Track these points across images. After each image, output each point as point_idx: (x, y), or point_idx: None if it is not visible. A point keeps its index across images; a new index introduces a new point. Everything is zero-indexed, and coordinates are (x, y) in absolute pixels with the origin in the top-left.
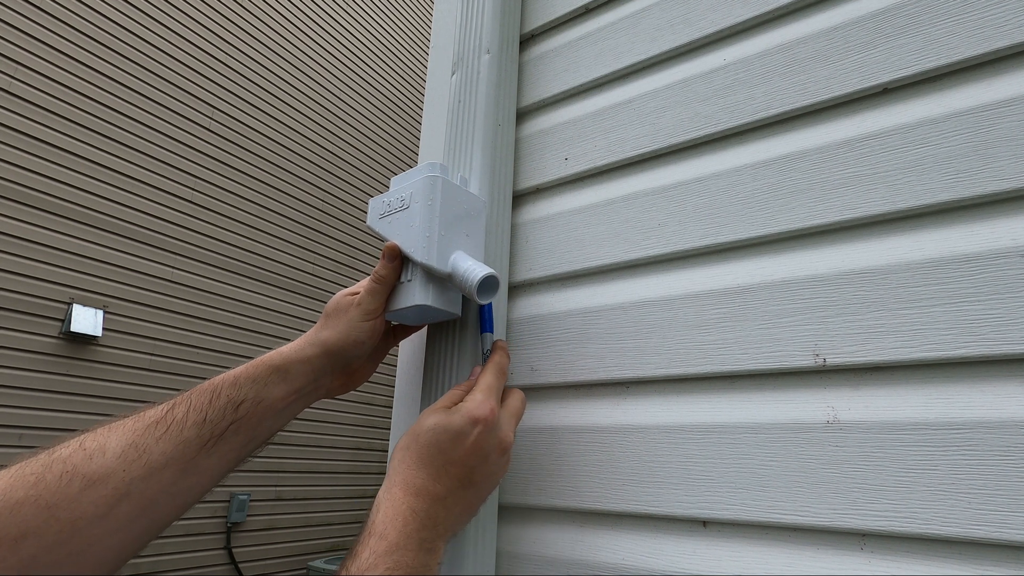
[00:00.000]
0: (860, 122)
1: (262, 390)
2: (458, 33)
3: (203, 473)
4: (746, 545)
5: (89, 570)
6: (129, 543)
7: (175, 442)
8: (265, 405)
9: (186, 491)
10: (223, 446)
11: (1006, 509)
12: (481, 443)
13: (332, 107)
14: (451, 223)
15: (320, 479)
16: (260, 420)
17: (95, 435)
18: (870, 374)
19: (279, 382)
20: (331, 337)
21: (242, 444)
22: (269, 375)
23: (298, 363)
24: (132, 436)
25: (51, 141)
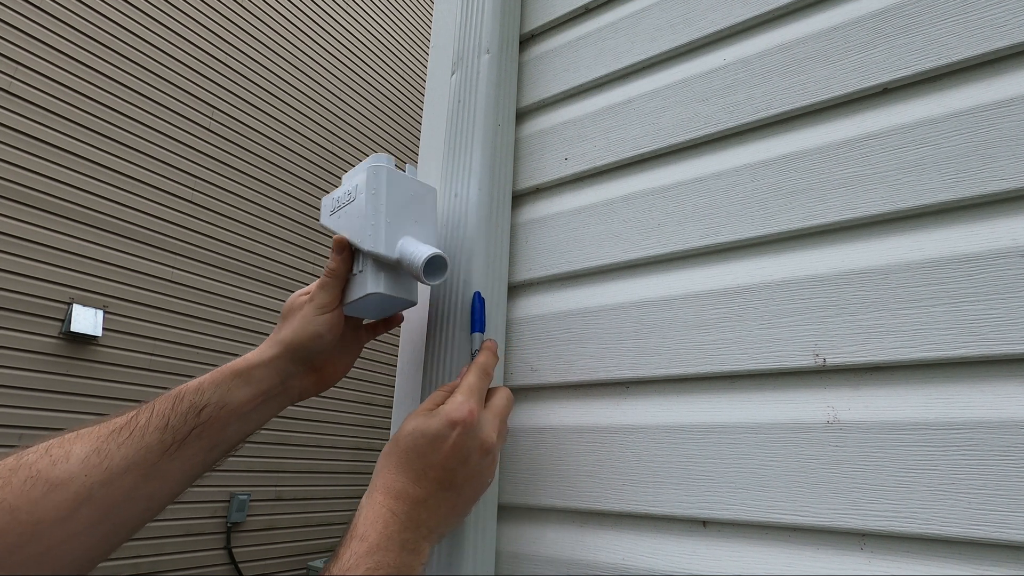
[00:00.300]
0: (860, 122)
1: (225, 394)
2: (458, 33)
3: (166, 478)
4: (746, 545)
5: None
6: (94, 546)
7: (136, 447)
8: (229, 409)
9: (149, 496)
10: (186, 451)
11: (1006, 509)
12: (460, 445)
13: (332, 107)
14: (398, 211)
15: (320, 479)
16: (225, 424)
17: (62, 441)
18: (870, 374)
19: (242, 386)
20: (288, 335)
21: (207, 448)
22: (232, 379)
23: (260, 366)
24: (96, 442)
25: (51, 141)
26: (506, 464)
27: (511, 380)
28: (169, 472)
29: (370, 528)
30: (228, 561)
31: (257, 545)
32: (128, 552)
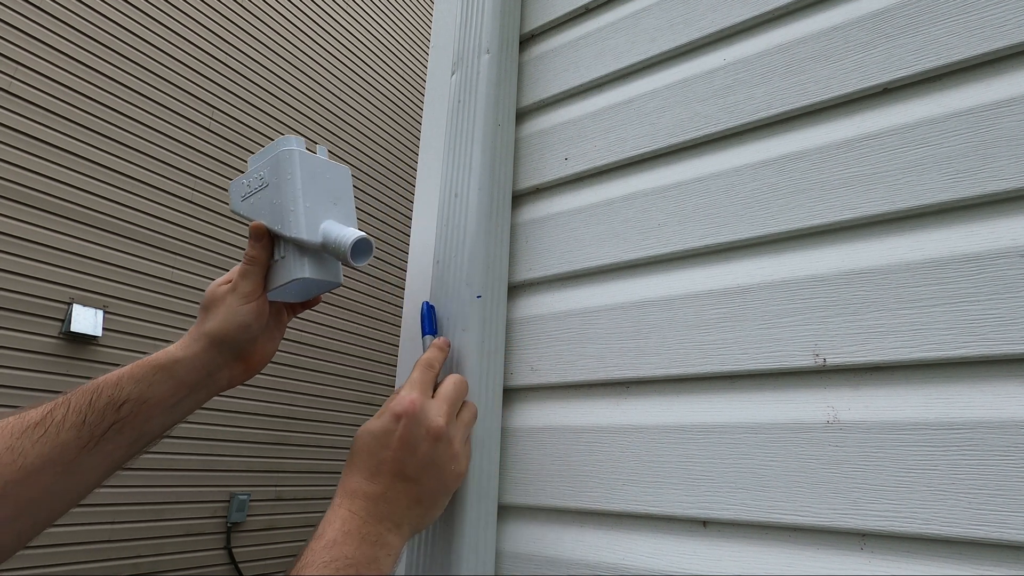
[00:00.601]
0: (860, 122)
1: (146, 390)
2: (458, 33)
3: (87, 471)
4: (746, 545)
5: None
6: (12, 540)
7: (52, 444)
8: (151, 404)
9: (69, 489)
10: (106, 445)
11: (1006, 509)
12: (407, 435)
13: (332, 107)
14: (316, 194)
15: (320, 479)
16: (147, 418)
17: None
18: (870, 374)
19: (165, 380)
20: (214, 328)
21: (129, 442)
22: (154, 374)
23: (183, 360)
24: (9, 439)
25: (51, 141)
26: (506, 464)
27: (511, 380)
28: (89, 466)
29: (327, 527)
30: (228, 561)
31: (257, 545)
32: (128, 552)
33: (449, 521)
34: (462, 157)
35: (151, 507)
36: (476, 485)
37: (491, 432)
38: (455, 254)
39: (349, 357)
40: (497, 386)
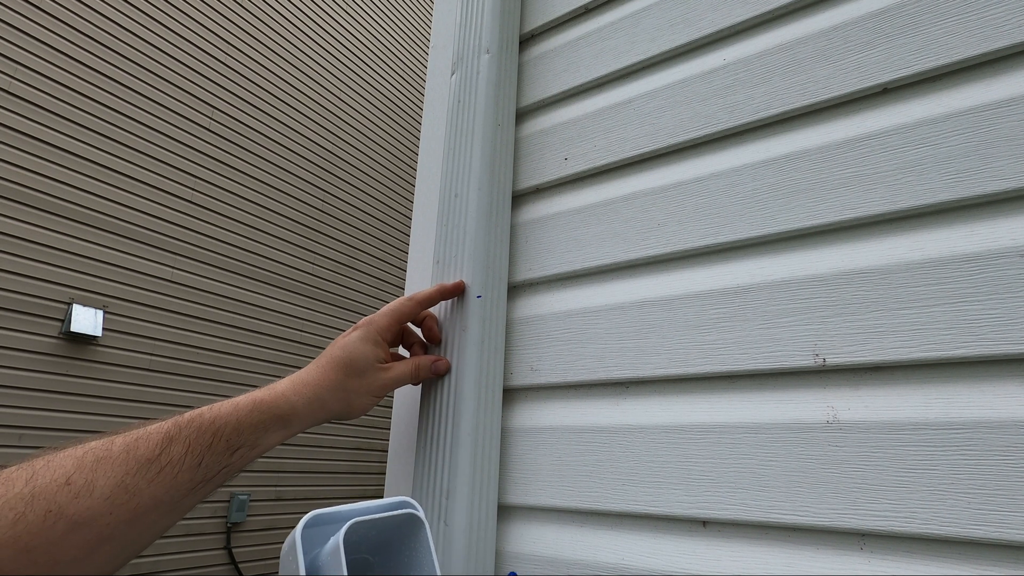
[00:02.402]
0: (860, 122)
1: (261, 437)
2: (458, 33)
3: (183, 511)
4: (746, 545)
5: None
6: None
7: (167, 487)
8: (259, 450)
9: (163, 528)
10: (207, 487)
11: (1006, 509)
12: None
13: (332, 107)
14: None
15: (320, 479)
16: (248, 462)
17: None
18: (870, 374)
19: (279, 430)
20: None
21: (221, 482)
22: (274, 425)
23: (303, 417)
24: (122, 475)
25: (51, 141)
26: (506, 464)
27: (511, 380)
28: (188, 505)
29: None
30: (228, 561)
31: (257, 545)
32: None
33: (449, 521)
34: (462, 157)
35: None
36: (475, 485)
37: (491, 432)
38: (455, 254)
39: None
40: (497, 386)
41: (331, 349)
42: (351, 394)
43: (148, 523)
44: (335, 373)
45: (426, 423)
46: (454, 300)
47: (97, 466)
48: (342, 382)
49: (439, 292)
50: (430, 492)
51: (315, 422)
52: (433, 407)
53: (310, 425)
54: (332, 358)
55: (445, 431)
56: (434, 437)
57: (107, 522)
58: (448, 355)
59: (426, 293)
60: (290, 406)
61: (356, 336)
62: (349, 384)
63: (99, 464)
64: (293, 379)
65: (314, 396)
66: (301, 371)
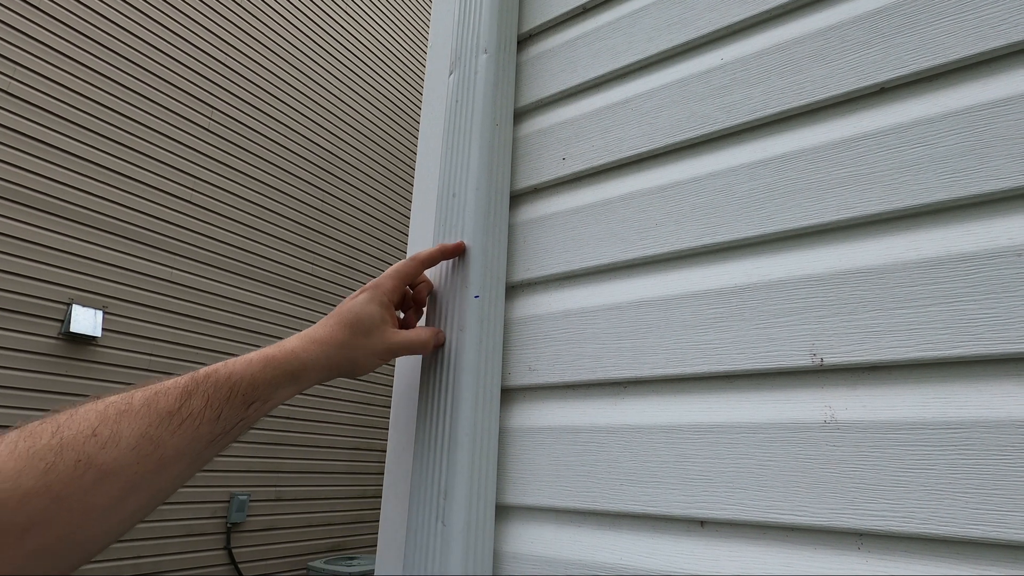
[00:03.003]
0: (857, 122)
1: (274, 392)
2: (456, 33)
3: (203, 462)
4: (744, 545)
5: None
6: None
7: (190, 438)
8: (271, 404)
9: (185, 478)
10: (225, 439)
11: (1004, 508)
12: None
13: (332, 107)
14: None
15: (320, 479)
16: (260, 416)
17: (104, 417)
18: (867, 374)
19: (290, 385)
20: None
21: (237, 435)
22: (287, 382)
23: (311, 373)
24: (145, 426)
25: (51, 141)
26: (504, 464)
27: (509, 380)
28: (207, 457)
29: None
30: (228, 561)
31: (257, 545)
32: (129, 552)
33: (447, 521)
34: (460, 157)
35: None
36: (473, 485)
37: (489, 432)
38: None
39: None
40: (495, 386)
41: (339, 309)
42: (358, 353)
43: (173, 473)
44: (343, 332)
45: (424, 423)
46: (454, 300)
47: (120, 418)
48: (349, 341)
49: (440, 252)
50: (428, 492)
51: (323, 379)
52: (431, 407)
53: (318, 381)
54: (340, 318)
55: (443, 431)
56: (432, 437)
57: (135, 471)
58: (446, 355)
59: (428, 252)
60: (300, 363)
61: (363, 298)
62: (356, 343)
63: (122, 417)
64: (303, 337)
65: (322, 353)
66: (310, 328)
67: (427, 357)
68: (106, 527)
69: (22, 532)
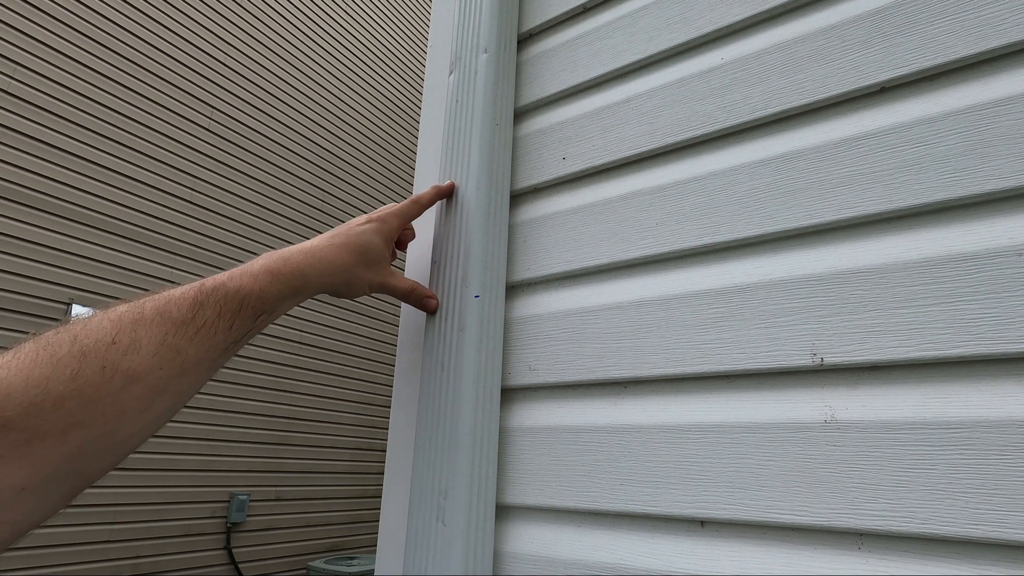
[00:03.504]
0: (857, 121)
1: (279, 305)
2: (456, 32)
3: (216, 369)
4: (744, 545)
5: (125, 454)
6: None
7: (207, 346)
8: (276, 315)
9: (201, 385)
10: (235, 349)
11: (1004, 508)
12: None
13: (332, 107)
14: None
15: (320, 479)
16: (265, 326)
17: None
18: (868, 373)
19: (292, 298)
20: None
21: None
22: (290, 294)
23: (312, 289)
24: (162, 334)
25: (51, 141)
26: (504, 464)
27: (509, 380)
28: (220, 364)
29: None
30: (228, 561)
31: (257, 545)
32: (128, 552)
33: (447, 521)
34: (460, 157)
35: (151, 507)
36: (473, 485)
37: (489, 432)
38: (453, 254)
39: (349, 357)
40: (495, 386)
41: (347, 233)
42: (356, 279)
43: (195, 378)
44: (350, 257)
45: (424, 423)
46: (454, 300)
47: (136, 326)
48: (352, 268)
49: (436, 192)
50: (428, 492)
51: (319, 293)
52: (431, 407)
53: (313, 295)
54: (348, 243)
55: (443, 431)
56: (432, 437)
57: (159, 376)
58: (446, 355)
59: (427, 194)
60: (305, 279)
61: (372, 228)
62: (357, 271)
63: (137, 325)
64: (307, 253)
65: (325, 272)
66: (314, 245)
67: (427, 358)
68: (139, 426)
69: (62, 433)
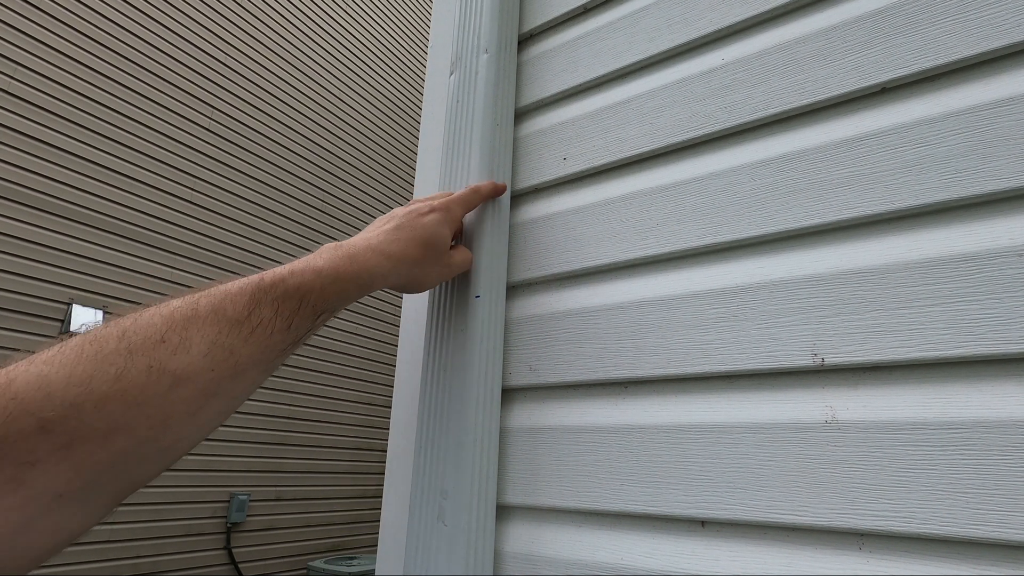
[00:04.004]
0: (858, 122)
1: (342, 303)
2: (456, 33)
3: (274, 369)
4: (744, 545)
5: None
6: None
7: (263, 346)
8: (331, 314)
9: (258, 386)
10: (294, 348)
11: (1005, 509)
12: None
13: (332, 107)
14: None
15: (320, 479)
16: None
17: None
18: (868, 374)
19: (356, 294)
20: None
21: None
22: (355, 292)
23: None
24: (215, 333)
25: (51, 141)
26: (505, 464)
27: (510, 380)
28: (277, 364)
29: None
30: (228, 561)
31: (257, 545)
32: (128, 552)
33: (448, 521)
34: (461, 157)
35: (151, 507)
36: (474, 485)
37: (490, 432)
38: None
39: (349, 357)
40: (496, 386)
41: (413, 226)
42: (425, 275)
43: (249, 380)
44: (419, 251)
45: (425, 423)
46: (454, 300)
47: (188, 324)
48: (422, 260)
49: (493, 188)
50: (429, 492)
51: (383, 287)
52: (432, 407)
53: (380, 289)
54: (415, 235)
55: (444, 431)
56: (433, 437)
57: (210, 378)
58: (447, 355)
59: (486, 186)
60: (371, 277)
61: (438, 219)
62: (427, 264)
63: (189, 323)
64: (375, 249)
65: (393, 270)
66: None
67: (428, 357)
68: (189, 432)
69: (103, 438)
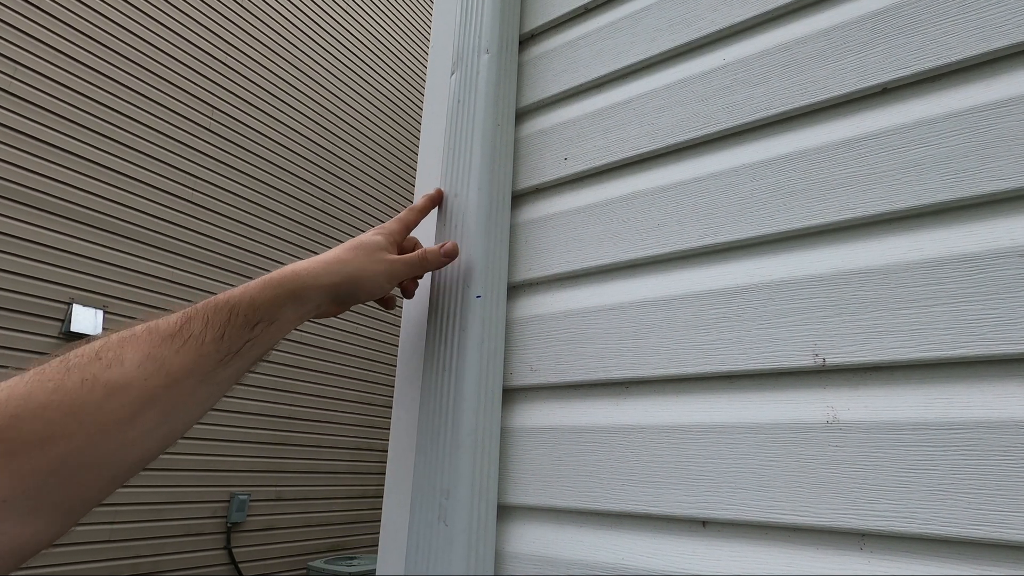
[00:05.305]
0: (859, 122)
1: (277, 312)
2: (457, 33)
3: (220, 383)
4: (746, 545)
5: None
6: (148, 449)
7: (194, 356)
8: (279, 325)
9: (207, 396)
10: (238, 361)
11: (1006, 509)
12: None
13: (332, 107)
14: None
15: (320, 479)
16: (271, 337)
17: (107, 344)
18: (869, 374)
19: (296, 307)
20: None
21: (254, 358)
22: (287, 299)
23: (314, 289)
24: (147, 348)
25: (51, 141)
26: (506, 464)
27: (511, 380)
28: (222, 378)
29: None
30: (228, 561)
31: (257, 545)
32: (128, 552)
33: (449, 521)
34: (461, 157)
35: (151, 507)
36: (475, 485)
37: (491, 432)
38: None
39: (349, 357)
40: (496, 386)
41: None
42: (361, 271)
43: (186, 390)
44: (347, 252)
45: (426, 423)
46: (455, 300)
47: (123, 343)
48: (352, 259)
49: (429, 200)
50: (430, 492)
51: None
52: (433, 407)
53: (322, 301)
54: (348, 243)
55: (445, 431)
56: (434, 437)
57: (143, 386)
58: (448, 355)
59: (420, 203)
60: (300, 281)
61: (370, 232)
62: (358, 261)
63: (124, 342)
64: (310, 259)
65: (324, 271)
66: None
67: (428, 359)
68: (132, 438)
69: (42, 443)
